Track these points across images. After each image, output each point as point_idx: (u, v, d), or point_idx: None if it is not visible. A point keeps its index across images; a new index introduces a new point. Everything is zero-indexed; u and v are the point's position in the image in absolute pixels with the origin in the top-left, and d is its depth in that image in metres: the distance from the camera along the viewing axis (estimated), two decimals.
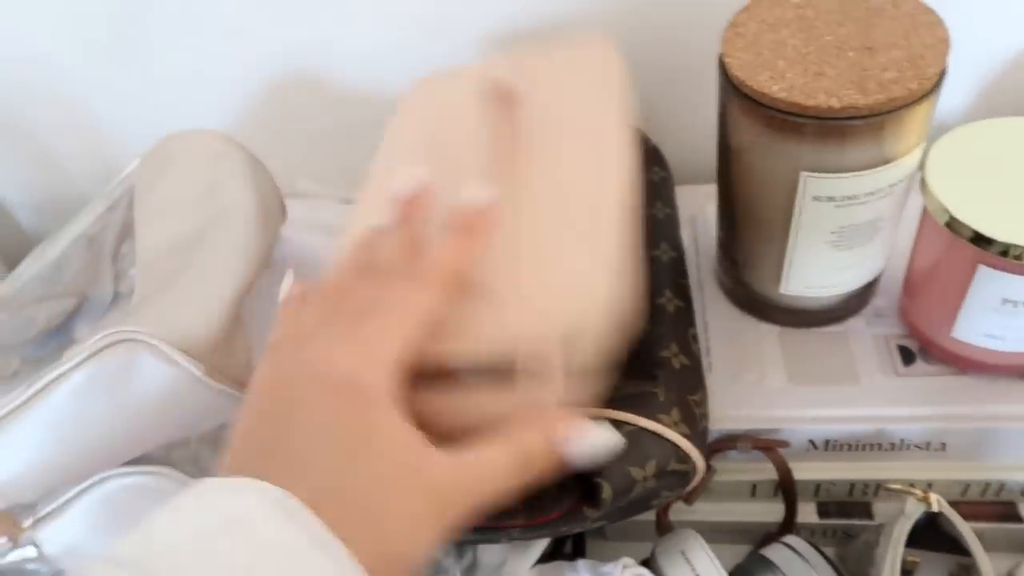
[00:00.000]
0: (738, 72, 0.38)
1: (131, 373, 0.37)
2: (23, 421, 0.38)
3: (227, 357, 0.40)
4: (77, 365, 0.37)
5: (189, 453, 0.45)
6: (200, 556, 0.21)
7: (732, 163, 0.42)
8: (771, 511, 0.46)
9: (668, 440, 0.36)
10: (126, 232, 0.49)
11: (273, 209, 0.49)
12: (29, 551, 0.44)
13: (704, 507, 0.46)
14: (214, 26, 0.58)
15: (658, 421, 0.35)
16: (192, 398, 0.39)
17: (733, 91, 0.38)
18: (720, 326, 0.48)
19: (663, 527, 0.44)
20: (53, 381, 0.37)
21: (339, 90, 0.61)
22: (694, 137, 0.60)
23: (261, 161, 0.51)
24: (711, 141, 0.59)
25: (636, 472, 0.34)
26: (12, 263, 0.67)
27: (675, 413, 0.37)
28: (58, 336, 0.51)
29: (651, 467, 0.35)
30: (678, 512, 0.45)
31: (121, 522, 0.44)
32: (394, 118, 0.44)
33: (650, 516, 0.45)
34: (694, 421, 0.38)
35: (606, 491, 0.34)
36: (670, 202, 0.51)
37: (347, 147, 0.65)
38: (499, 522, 0.34)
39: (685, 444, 0.36)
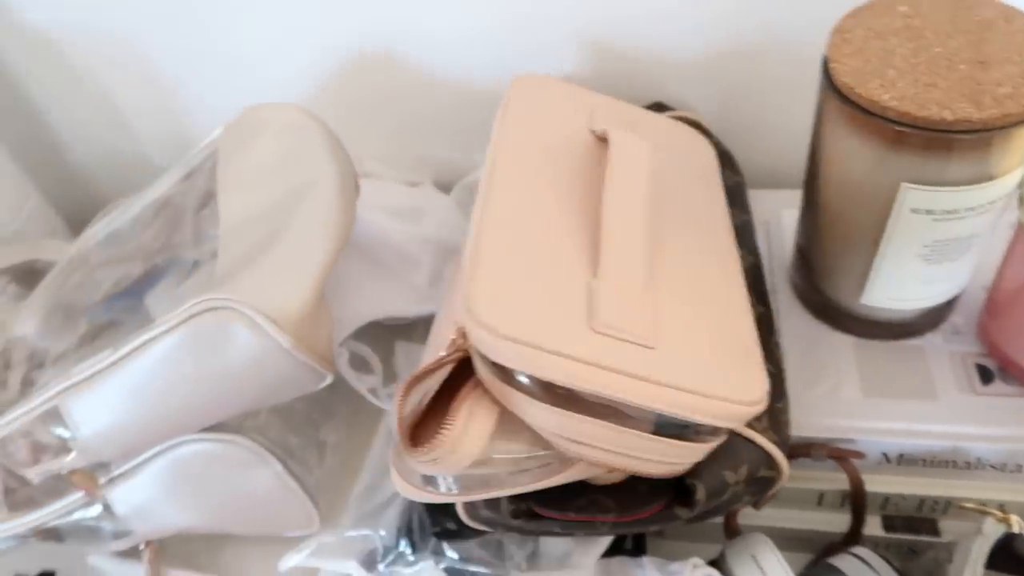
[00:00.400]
0: (846, 78, 0.37)
1: (221, 341, 0.37)
2: (111, 381, 0.38)
3: (313, 330, 0.40)
4: (169, 330, 0.37)
5: (259, 423, 0.46)
6: None
7: (824, 169, 0.42)
8: (835, 521, 0.46)
9: (759, 446, 0.36)
10: (206, 199, 0.49)
11: (351, 185, 0.49)
12: (96, 508, 0.45)
13: (769, 512, 0.46)
14: (294, 4, 0.58)
15: (750, 427, 0.35)
16: (277, 369, 0.39)
17: (838, 97, 0.38)
18: (793, 333, 0.47)
19: (732, 530, 0.44)
20: (144, 344, 0.37)
21: (413, 74, 0.61)
22: (768, 141, 0.60)
23: (338, 137, 0.51)
24: (787, 144, 0.59)
25: (729, 476, 0.34)
26: (76, 224, 0.68)
27: (764, 420, 0.37)
28: (124, 299, 0.51)
29: (743, 472, 0.35)
30: (743, 516, 0.45)
31: (190, 486, 0.44)
32: (500, 118, 0.44)
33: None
34: (780, 428, 0.38)
35: (700, 492, 0.34)
36: (745, 208, 0.50)
37: (415, 131, 0.65)
38: (592, 516, 0.34)
39: (775, 451, 0.36)
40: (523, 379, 0.32)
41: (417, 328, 0.57)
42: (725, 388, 0.32)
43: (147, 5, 0.59)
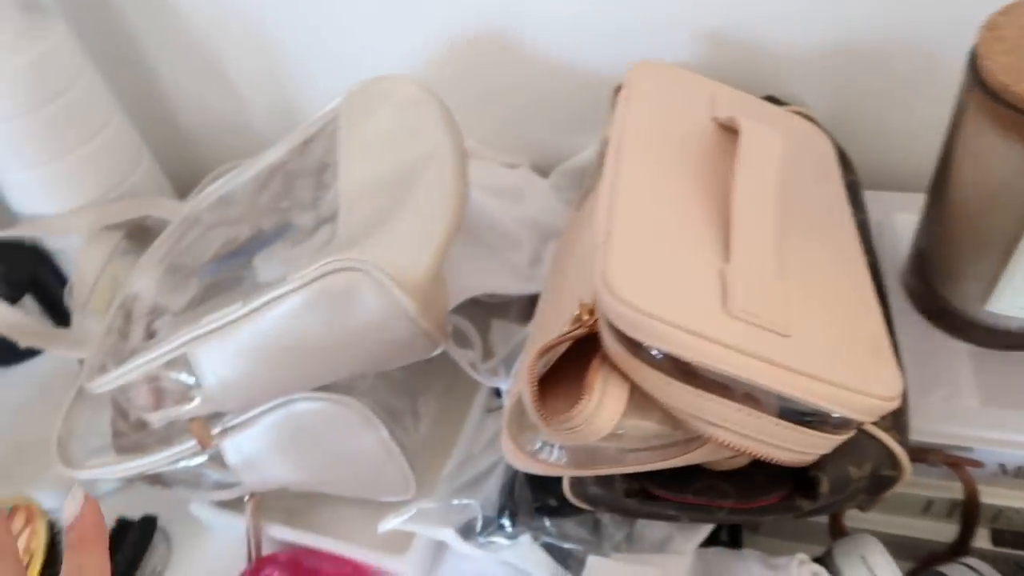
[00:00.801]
0: (1002, 76, 0.36)
1: (348, 301, 0.38)
2: (240, 332, 0.39)
3: (434, 300, 0.40)
4: (300, 287, 0.38)
5: (367, 386, 0.46)
6: None
7: (959, 169, 0.41)
8: (940, 530, 0.45)
9: (884, 444, 0.35)
10: (322, 166, 0.50)
11: (465, 161, 0.50)
12: (202, 458, 0.46)
13: (873, 517, 0.45)
14: None
15: (876, 425, 0.35)
16: (398, 334, 0.40)
17: (987, 95, 0.37)
18: (907, 337, 0.46)
19: (838, 530, 0.43)
20: (275, 299, 0.38)
21: (520, 57, 0.61)
22: (884, 141, 0.59)
23: (452, 113, 0.52)
24: (904, 145, 0.58)
25: (853, 471, 0.34)
26: (181, 186, 0.70)
27: (888, 419, 0.36)
28: (232, 260, 0.52)
29: (866, 468, 0.34)
30: (848, 518, 0.44)
31: (299, 443, 0.45)
32: (623, 102, 0.43)
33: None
34: (903, 429, 0.37)
35: (824, 485, 0.33)
36: (861, 207, 0.49)
37: (518, 114, 0.66)
38: (710, 500, 0.34)
39: (899, 451, 0.35)
40: (655, 354, 0.32)
41: (513, 307, 0.57)
42: (861, 380, 0.31)
43: None
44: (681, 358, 0.31)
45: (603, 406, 0.31)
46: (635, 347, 0.32)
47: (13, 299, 0.62)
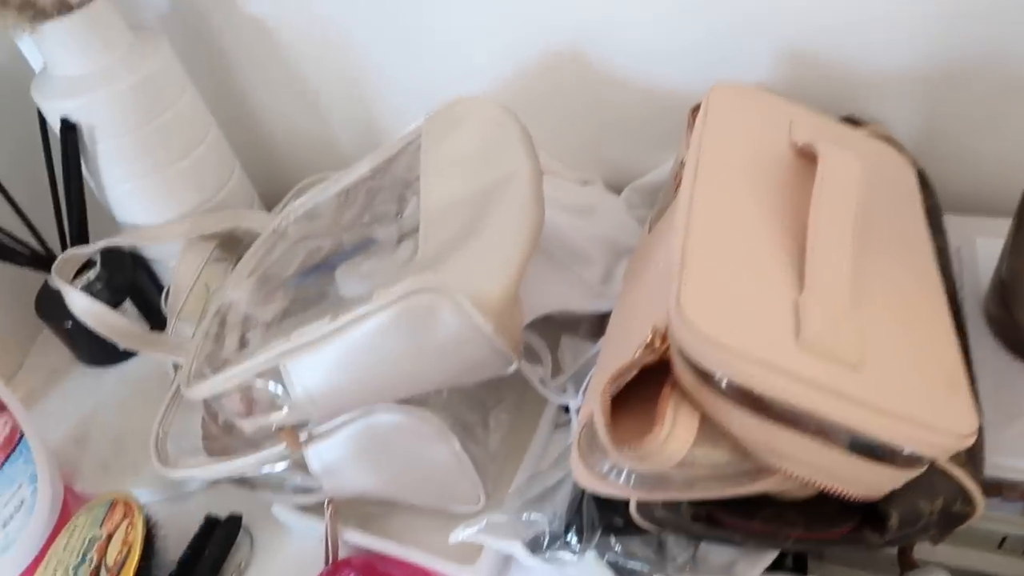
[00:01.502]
0: None
1: (430, 321, 0.40)
2: (329, 347, 0.41)
3: (509, 320, 0.42)
4: (386, 306, 0.40)
5: (442, 400, 0.48)
6: None
7: None
8: (1015, 567, 0.44)
9: (957, 480, 0.35)
10: (405, 184, 0.52)
11: (542, 183, 0.51)
12: (286, 463, 0.49)
13: (945, 550, 0.44)
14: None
15: (950, 460, 0.35)
16: (475, 352, 0.41)
17: None
18: (986, 367, 0.45)
19: (907, 563, 0.43)
20: (361, 317, 0.40)
21: (598, 75, 0.62)
22: (966, 164, 0.57)
23: (531, 135, 0.53)
24: (987, 169, 0.56)
25: (924, 506, 0.34)
26: (268, 197, 0.73)
27: (963, 454, 0.36)
28: (315, 273, 0.55)
29: (938, 504, 0.34)
30: (918, 551, 0.44)
31: (377, 452, 0.47)
32: (701, 124, 0.44)
33: None
34: (977, 464, 0.37)
35: (894, 519, 0.33)
36: (941, 231, 0.49)
37: (594, 131, 0.67)
38: (778, 529, 0.34)
39: (973, 487, 0.35)
40: (727, 386, 0.32)
41: (582, 324, 0.58)
42: (935, 416, 0.31)
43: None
44: (752, 389, 0.32)
45: (673, 436, 0.32)
46: (706, 376, 0.33)
47: (115, 303, 0.66)
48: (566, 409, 0.55)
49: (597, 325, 0.57)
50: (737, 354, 0.31)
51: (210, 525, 0.54)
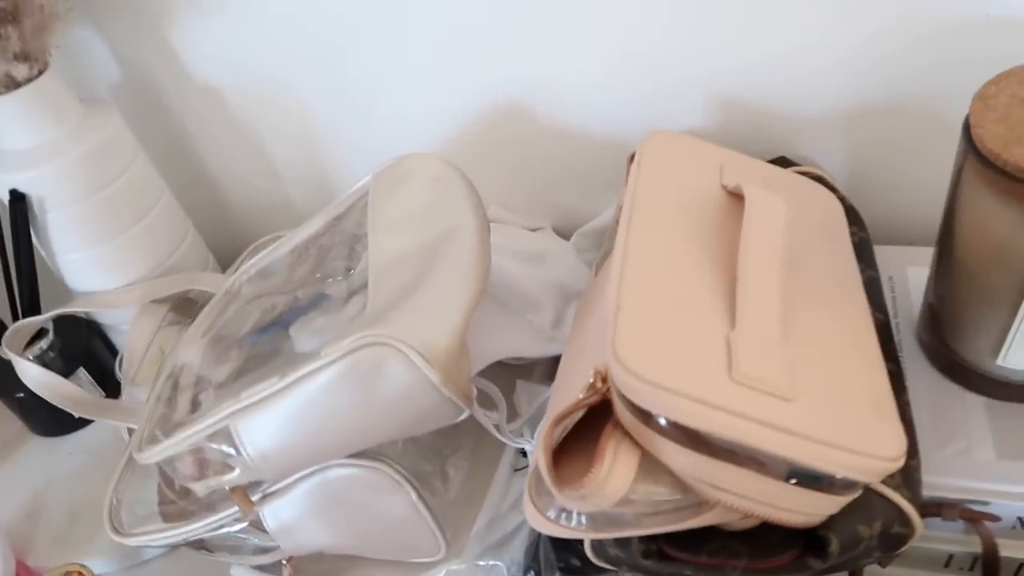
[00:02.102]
0: (991, 145, 0.38)
1: (378, 374, 0.41)
2: (278, 405, 0.42)
3: (457, 369, 0.42)
4: (332, 361, 0.41)
5: (396, 452, 0.49)
6: None
7: (962, 230, 0.42)
8: None
9: (893, 503, 0.36)
10: (353, 240, 0.53)
11: (487, 233, 0.53)
12: (243, 524, 0.48)
13: (895, 571, 0.45)
14: (434, 53, 0.62)
15: (884, 484, 0.36)
16: (425, 403, 0.42)
17: (981, 162, 0.39)
18: (922, 391, 0.47)
19: None
20: (310, 373, 0.41)
21: (540, 125, 0.64)
22: (893, 197, 0.60)
23: (475, 187, 0.55)
24: (913, 201, 0.59)
25: (863, 530, 0.35)
26: (223, 258, 0.73)
27: (898, 476, 0.37)
28: (271, 331, 0.55)
29: (876, 527, 0.35)
30: (868, 574, 0.45)
31: (334, 508, 0.47)
32: (635, 172, 0.46)
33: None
34: (913, 486, 0.38)
35: (834, 544, 0.34)
36: (871, 263, 0.51)
37: (540, 178, 0.68)
38: (723, 560, 0.35)
39: (909, 508, 0.36)
40: (664, 423, 0.33)
41: (536, 368, 0.59)
42: (864, 442, 0.33)
43: (299, 58, 0.65)
44: (688, 426, 0.33)
45: (613, 473, 0.33)
46: (645, 415, 0.34)
47: (68, 372, 0.66)
48: (524, 453, 0.55)
49: (551, 369, 0.58)
50: (671, 393, 0.33)
51: None
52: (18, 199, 0.60)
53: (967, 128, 0.40)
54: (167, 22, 0.65)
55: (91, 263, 0.64)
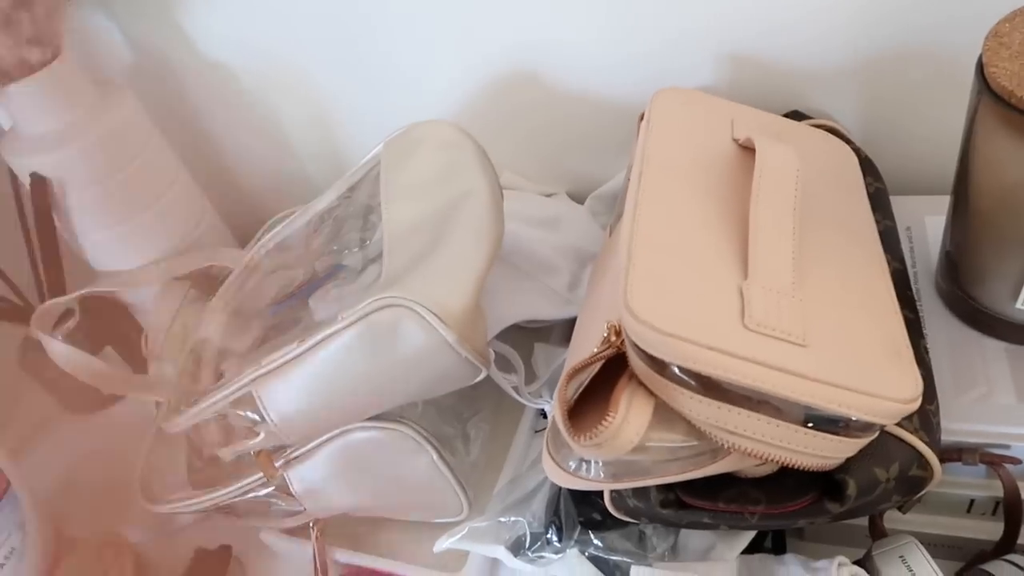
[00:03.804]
0: (1005, 82, 0.37)
1: (394, 335, 0.41)
2: (298, 370, 0.42)
3: (473, 329, 0.43)
4: (349, 324, 0.41)
5: (416, 414, 0.49)
6: None
7: (977, 173, 0.42)
8: (985, 529, 0.45)
9: (911, 445, 0.36)
10: (368, 210, 0.54)
11: (499, 197, 0.53)
12: (270, 488, 0.50)
13: (916, 518, 0.45)
14: (445, 24, 0.62)
15: (901, 427, 0.36)
16: (442, 363, 0.42)
17: (995, 101, 0.38)
18: (941, 338, 0.47)
19: (878, 532, 0.44)
20: (327, 337, 0.42)
21: (552, 89, 0.64)
22: (909, 147, 0.59)
23: (486, 152, 0.55)
24: (929, 150, 0.58)
25: (880, 473, 0.35)
26: (242, 235, 0.74)
27: (915, 420, 0.37)
28: (289, 302, 0.56)
29: (894, 470, 0.35)
30: (889, 520, 0.45)
31: (356, 470, 0.48)
32: (645, 129, 0.46)
33: (854, 520, 0.46)
34: (931, 430, 0.38)
35: (851, 488, 0.34)
36: (888, 213, 0.50)
37: (553, 144, 0.68)
38: (741, 507, 0.36)
39: (927, 451, 0.36)
40: (678, 372, 0.34)
41: (554, 331, 0.60)
42: (878, 384, 0.33)
43: (309, 33, 0.65)
44: (702, 373, 0.33)
45: (628, 422, 0.33)
46: (659, 365, 0.34)
47: (95, 350, 0.67)
48: (543, 414, 0.56)
49: (568, 331, 0.58)
50: (685, 341, 0.33)
51: (201, 558, 0.55)
52: (39, 182, 0.61)
53: (980, 67, 0.39)
54: (176, 3, 0.65)
55: (112, 243, 0.65)
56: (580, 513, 0.45)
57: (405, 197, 0.50)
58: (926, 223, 0.54)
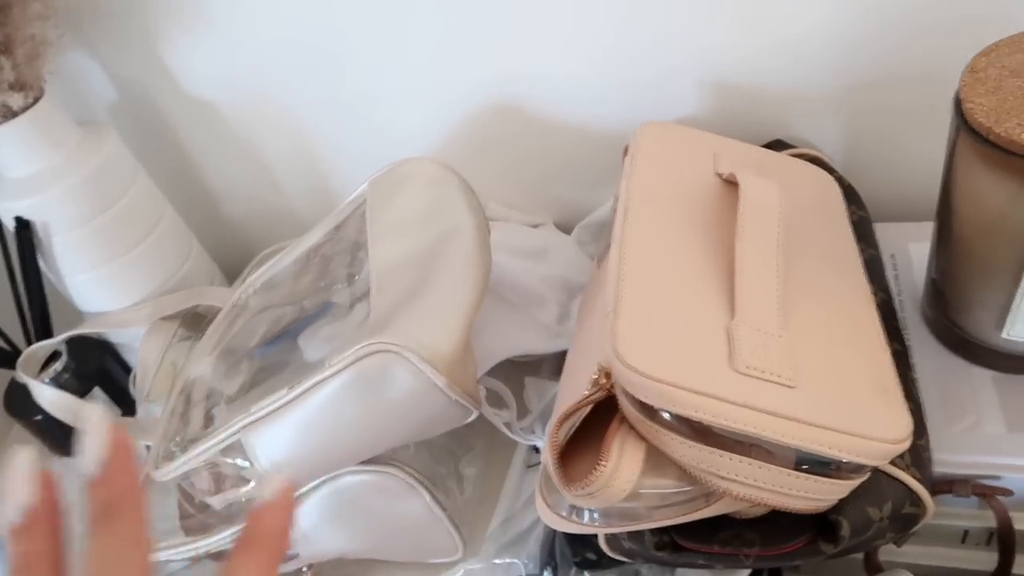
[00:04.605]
0: (982, 118, 0.38)
1: (383, 381, 0.41)
2: (288, 416, 0.42)
3: (463, 371, 0.43)
4: (338, 371, 0.41)
5: (408, 456, 0.49)
6: None
7: (958, 204, 0.42)
8: (980, 559, 0.45)
9: (903, 483, 0.36)
10: (355, 247, 0.54)
11: (486, 233, 0.53)
12: None
13: (911, 550, 0.45)
14: (424, 56, 0.62)
15: (893, 464, 0.36)
16: (432, 406, 0.42)
17: (973, 136, 0.38)
18: (929, 368, 0.47)
19: (873, 567, 0.44)
20: (316, 384, 0.41)
21: (536, 121, 0.64)
22: (892, 174, 0.60)
23: (472, 187, 0.55)
24: (911, 177, 0.59)
25: (873, 512, 0.35)
26: (230, 271, 0.74)
27: (907, 456, 0.37)
28: (279, 342, 0.56)
29: (887, 508, 0.35)
30: (884, 553, 0.45)
31: (349, 514, 0.48)
32: (629, 164, 0.46)
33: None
34: (923, 465, 0.38)
35: (845, 528, 0.34)
36: (872, 242, 0.51)
37: (538, 175, 0.69)
38: (736, 549, 0.36)
39: (919, 488, 0.36)
40: (668, 417, 0.34)
41: (545, 363, 0.60)
42: (869, 426, 0.33)
43: (291, 69, 0.65)
44: (692, 419, 0.33)
45: (620, 469, 0.33)
46: (649, 410, 0.34)
47: (84, 392, 0.66)
48: (536, 450, 0.56)
49: (558, 364, 0.58)
50: (673, 387, 0.33)
51: None
52: (23, 226, 0.60)
53: (958, 102, 0.40)
54: (157, 41, 0.65)
55: (99, 283, 0.65)
56: (575, 553, 0.45)
57: (391, 235, 0.50)
58: (910, 250, 0.54)
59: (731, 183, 0.45)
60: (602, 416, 0.37)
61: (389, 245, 0.50)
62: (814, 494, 0.34)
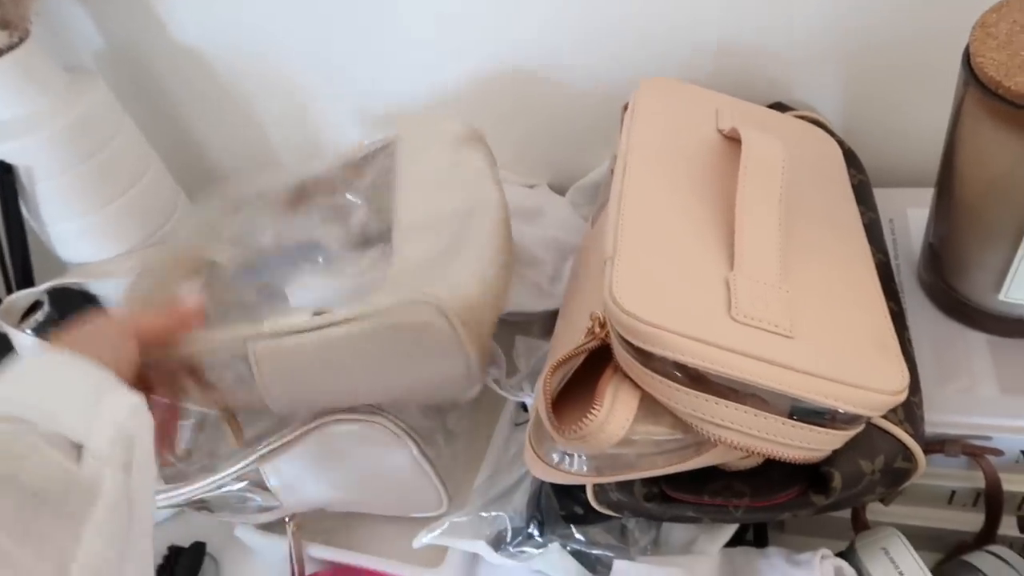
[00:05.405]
0: (992, 72, 0.37)
1: (418, 331, 0.40)
2: (310, 338, 0.41)
3: (486, 351, 0.43)
4: (372, 314, 0.40)
5: (396, 408, 0.48)
6: None
7: (963, 163, 0.42)
8: (966, 520, 0.45)
9: (896, 437, 0.36)
10: (373, 193, 0.53)
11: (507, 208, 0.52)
12: (244, 483, 0.49)
13: (897, 509, 0.45)
14: (425, 19, 0.61)
15: (886, 419, 0.36)
16: (452, 369, 0.42)
17: (982, 91, 0.38)
18: (924, 331, 0.47)
19: (860, 524, 0.44)
20: (343, 321, 0.40)
21: (533, 83, 0.63)
22: (891, 139, 0.59)
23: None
24: (911, 142, 0.58)
25: (865, 465, 0.35)
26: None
27: (900, 412, 0.37)
28: (252, 276, 0.55)
29: (879, 462, 0.35)
30: (871, 512, 0.45)
31: (334, 463, 0.47)
32: (629, 119, 0.45)
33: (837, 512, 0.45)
34: (916, 422, 0.38)
35: (836, 480, 0.34)
36: (872, 206, 0.50)
37: (535, 136, 0.68)
38: (726, 500, 0.35)
39: (912, 443, 0.36)
40: (663, 364, 0.33)
41: (535, 323, 0.59)
42: (866, 376, 0.32)
43: (283, 23, 0.63)
44: (688, 365, 0.32)
45: (613, 414, 0.32)
46: (645, 357, 0.33)
47: None
48: (524, 407, 0.55)
49: (549, 324, 0.57)
50: (670, 332, 0.32)
51: (174, 555, 0.53)
52: (6, 170, 0.59)
53: (967, 57, 0.39)
54: None
55: (83, 233, 0.63)
56: (562, 507, 0.44)
57: (420, 190, 0.50)
58: (908, 215, 0.54)
59: (733, 139, 0.45)
60: (594, 369, 0.36)
61: (417, 201, 0.49)
62: (808, 443, 0.33)
